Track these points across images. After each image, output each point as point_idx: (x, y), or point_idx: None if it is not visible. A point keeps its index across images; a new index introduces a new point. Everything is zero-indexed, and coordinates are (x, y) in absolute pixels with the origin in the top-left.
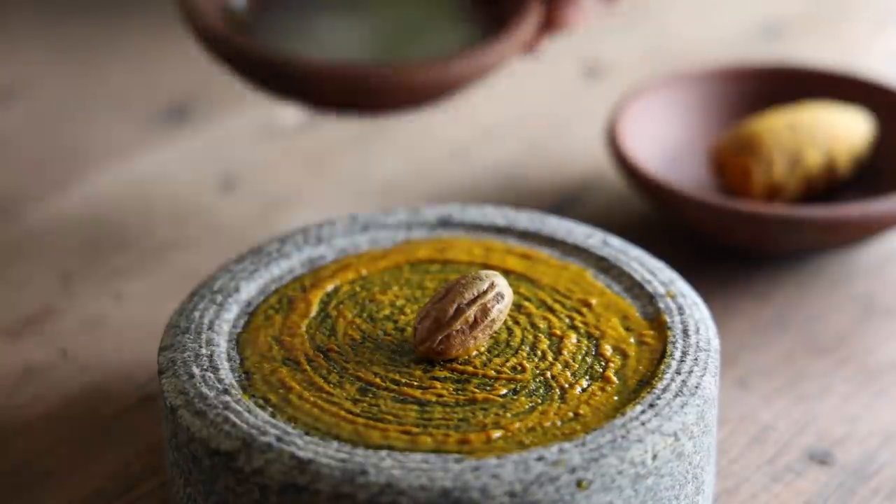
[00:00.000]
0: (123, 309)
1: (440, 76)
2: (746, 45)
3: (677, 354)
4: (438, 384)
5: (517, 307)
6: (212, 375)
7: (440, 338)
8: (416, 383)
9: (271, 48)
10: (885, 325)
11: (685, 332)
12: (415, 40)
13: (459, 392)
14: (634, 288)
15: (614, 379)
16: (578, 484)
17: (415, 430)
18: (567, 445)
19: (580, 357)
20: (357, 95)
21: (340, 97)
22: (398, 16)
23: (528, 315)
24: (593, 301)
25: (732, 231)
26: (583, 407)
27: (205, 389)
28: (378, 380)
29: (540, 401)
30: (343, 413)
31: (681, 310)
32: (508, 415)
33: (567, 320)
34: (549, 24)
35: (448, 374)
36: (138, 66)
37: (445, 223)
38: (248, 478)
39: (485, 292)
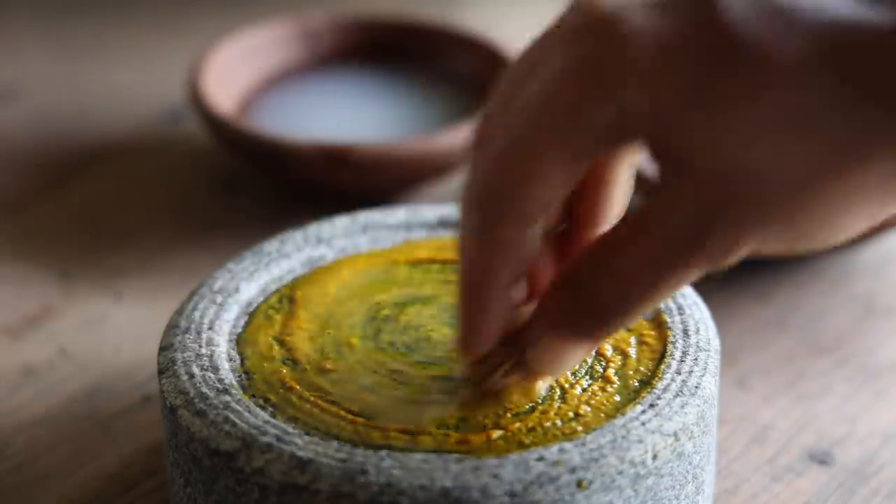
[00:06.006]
0: (123, 309)
1: (422, 151)
2: None
3: (677, 354)
4: None
5: None
6: (212, 375)
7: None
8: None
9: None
10: (885, 325)
11: (685, 332)
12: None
13: None
14: None
15: (614, 379)
16: (578, 484)
17: (415, 429)
18: (567, 445)
19: None
20: (338, 171)
21: (323, 173)
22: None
23: None
24: None
25: None
26: (583, 407)
27: (205, 389)
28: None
29: (540, 401)
30: (343, 413)
31: (681, 310)
32: (508, 415)
33: None
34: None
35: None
36: (138, 66)
37: (445, 223)
38: (248, 478)
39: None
